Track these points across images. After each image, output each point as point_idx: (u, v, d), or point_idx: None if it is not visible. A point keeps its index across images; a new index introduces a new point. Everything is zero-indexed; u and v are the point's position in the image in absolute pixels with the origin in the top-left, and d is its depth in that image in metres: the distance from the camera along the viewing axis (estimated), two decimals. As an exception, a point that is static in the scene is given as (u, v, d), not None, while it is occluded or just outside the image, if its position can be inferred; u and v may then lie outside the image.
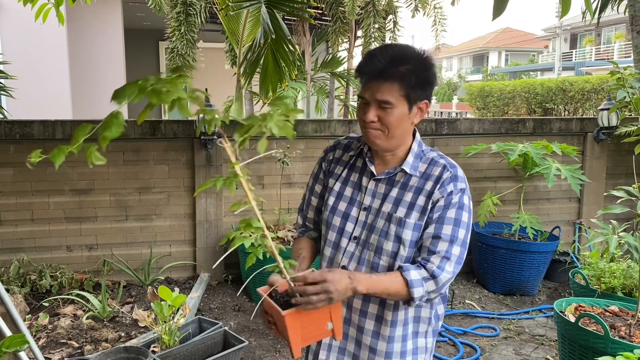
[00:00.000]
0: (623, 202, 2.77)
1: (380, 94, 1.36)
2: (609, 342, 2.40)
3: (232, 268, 4.36)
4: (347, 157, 1.58)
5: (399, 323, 1.46)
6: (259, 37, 4.21)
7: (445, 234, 1.38)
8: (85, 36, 7.49)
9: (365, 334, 1.48)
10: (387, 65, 1.35)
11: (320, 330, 1.31)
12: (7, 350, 1.29)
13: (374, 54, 1.40)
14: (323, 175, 1.62)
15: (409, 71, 1.36)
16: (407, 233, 1.41)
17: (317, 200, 1.63)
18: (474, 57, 45.31)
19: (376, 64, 1.36)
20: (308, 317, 1.26)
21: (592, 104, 15.24)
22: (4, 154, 3.90)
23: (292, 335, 1.24)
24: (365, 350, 1.49)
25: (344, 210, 1.51)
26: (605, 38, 30.30)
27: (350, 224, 1.50)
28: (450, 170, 1.43)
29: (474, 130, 4.63)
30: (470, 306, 4.01)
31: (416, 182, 1.45)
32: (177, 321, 2.91)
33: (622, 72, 2.91)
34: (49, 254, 4.04)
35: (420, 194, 1.43)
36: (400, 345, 1.47)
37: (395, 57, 1.36)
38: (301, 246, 1.62)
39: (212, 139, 4.05)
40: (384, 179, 1.48)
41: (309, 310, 1.25)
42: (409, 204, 1.43)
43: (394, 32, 7.78)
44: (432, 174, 1.44)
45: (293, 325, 1.24)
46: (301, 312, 1.24)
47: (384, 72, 1.35)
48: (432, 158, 1.47)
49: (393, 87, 1.35)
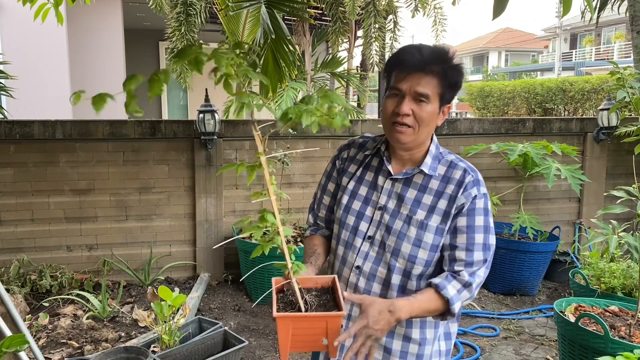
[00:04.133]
0: (623, 202, 2.77)
1: (421, 87, 1.35)
2: (609, 342, 2.40)
3: (232, 268, 4.36)
4: (362, 155, 1.56)
5: (414, 324, 1.45)
6: (259, 37, 4.21)
7: (478, 244, 1.37)
8: (85, 36, 7.48)
9: (394, 355, 1.45)
10: (430, 59, 1.35)
11: (314, 343, 1.25)
12: (7, 350, 1.29)
13: (413, 47, 1.38)
14: (337, 174, 1.60)
15: (448, 70, 1.36)
16: (428, 236, 1.39)
17: (329, 199, 1.61)
18: (474, 57, 45.29)
19: (418, 56, 1.35)
20: (301, 326, 1.22)
21: (592, 104, 15.24)
22: (4, 154, 3.90)
23: (281, 338, 1.20)
24: (380, 349, 1.45)
25: (358, 210, 1.49)
26: (605, 38, 30.30)
27: (365, 224, 1.47)
28: (472, 174, 1.41)
29: (474, 130, 4.63)
30: (470, 306, 4.01)
31: (436, 184, 1.42)
32: (177, 321, 2.91)
33: (622, 72, 2.91)
34: (49, 254, 4.04)
35: (441, 197, 1.41)
36: (417, 347, 1.46)
37: (437, 54, 1.36)
38: (315, 242, 1.60)
39: (212, 139, 4.05)
40: (401, 179, 1.46)
41: (303, 319, 1.21)
42: (429, 207, 1.41)
43: (394, 32, 7.78)
44: (453, 177, 1.42)
45: (283, 329, 1.20)
46: (294, 318, 1.20)
47: (427, 66, 1.34)
48: (451, 161, 1.45)
49: (432, 82, 1.35)
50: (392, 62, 1.42)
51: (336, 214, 1.56)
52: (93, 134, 4.00)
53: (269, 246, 1.18)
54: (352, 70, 8.17)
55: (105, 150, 4.06)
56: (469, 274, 1.35)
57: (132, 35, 9.06)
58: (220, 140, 4.19)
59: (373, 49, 7.00)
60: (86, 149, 4.02)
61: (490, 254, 1.40)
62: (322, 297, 1.32)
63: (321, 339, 1.23)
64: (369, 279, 1.45)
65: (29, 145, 3.93)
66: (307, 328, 1.22)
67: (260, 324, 3.64)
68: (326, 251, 1.61)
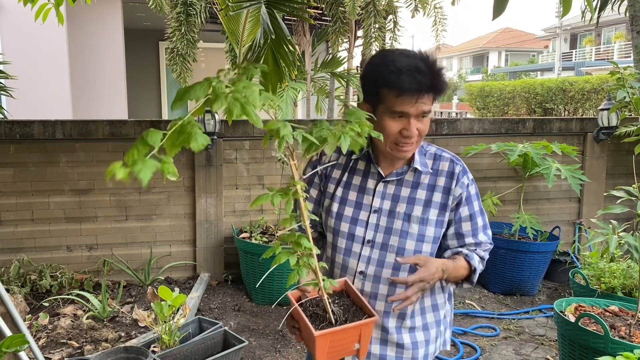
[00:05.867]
0: (623, 202, 2.77)
1: (425, 105, 1.37)
2: (609, 342, 2.40)
3: (232, 268, 4.36)
4: (344, 159, 1.55)
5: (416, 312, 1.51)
6: (259, 37, 4.21)
7: (481, 226, 1.51)
8: (85, 36, 7.48)
9: (391, 332, 1.48)
10: (433, 79, 1.35)
11: (347, 350, 1.29)
12: (7, 350, 1.29)
13: (409, 68, 1.33)
14: (319, 180, 1.59)
15: (440, 83, 1.38)
16: (430, 230, 1.45)
17: (312, 205, 1.60)
18: (474, 57, 45.30)
19: (420, 79, 1.33)
20: (338, 338, 1.24)
21: (592, 104, 15.25)
22: (4, 154, 3.90)
23: (319, 354, 1.22)
24: (392, 346, 1.49)
25: (351, 216, 1.49)
26: (605, 38, 30.30)
27: (361, 228, 1.48)
28: (459, 163, 1.49)
29: (474, 130, 4.63)
30: (470, 306, 4.01)
31: (427, 179, 1.46)
32: (177, 321, 2.91)
33: (622, 72, 2.91)
34: (49, 254, 4.04)
35: (434, 191, 1.46)
36: (423, 334, 1.51)
37: (432, 71, 1.36)
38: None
39: (212, 139, 4.05)
40: (393, 180, 1.47)
41: (340, 332, 1.24)
42: (424, 201, 1.45)
43: (394, 32, 7.77)
44: (442, 169, 1.47)
45: (322, 345, 1.21)
46: (333, 333, 1.22)
47: (431, 87, 1.35)
48: (435, 153, 1.51)
49: (431, 97, 1.38)
50: (384, 80, 1.35)
51: (327, 222, 1.55)
52: (93, 134, 4.00)
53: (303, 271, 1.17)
54: (352, 70, 8.16)
55: (105, 150, 4.06)
56: (483, 250, 1.50)
57: (132, 35, 9.05)
58: (220, 140, 4.19)
59: (373, 49, 6.99)
60: (86, 149, 4.02)
61: (489, 234, 1.55)
62: (341, 303, 1.34)
63: (353, 345, 1.28)
64: (374, 282, 1.46)
65: (29, 145, 3.93)
66: (342, 339, 1.26)
67: (260, 324, 3.64)
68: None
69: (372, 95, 1.41)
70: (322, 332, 1.21)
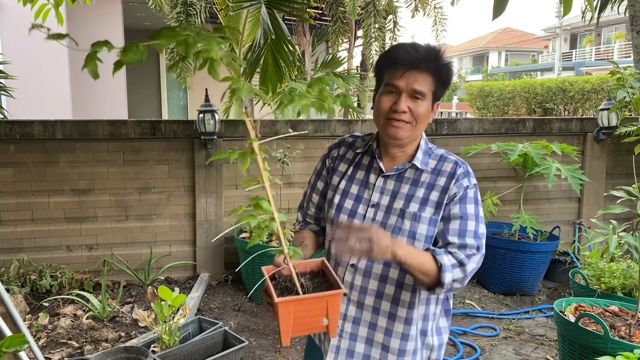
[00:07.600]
0: (623, 202, 2.77)
1: (417, 84, 1.37)
2: (609, 342, 2.40)
3: (232, 268, 4.36)
4: (352, 154, 1.58)
5: (412, 321, 1.45)
6: (259, 38, 4.21)
7: (470, 230, 1.40)
8: (85, 36, 7.48)
9: (378, 332, 1.46)
10: (424, 57, 1.37)
11: (314, 324, 1.25)
12: (7, 350, 1.29)
13: (407, 45, 1.42)
14: (326, 172, 1.61)
15: (441, 68, 1.39)
16: (422, 227, 1.41)
17: (318, 198, 1.63)
18: (474, 57, 45.30)
19: (413, 54, 1.37)
20: (302, 308, 1.21)
21: (592, 104, 15.24)
22: (4, 154, 3.90)
23: (282, 324, 1.19)
24: (377, 348, 1.47)
25: (350, 208, 1.50)
26: (605, 38, 30.30)
27: (358, 222, 1.48)
28: (463, 167, 1.45)
29: (474, 130, 4.63)
30: (470, 306, 4.01)
31: (427, 177, 1.45)
32: (177, 321, 2.91)
33: (622, 72, 2.91)
34: (49, 254, 4.05)
35: (433, 190, 1.44)
36: (414, 343, 1.46)
37: (430, 52, 1.39)
38: (303, 235, 1.61)
39: (212, 139, 4.05)
40: (392, 175, 1.48)
41: (304, 301, 1.21)
42: (421, 199, 1.43)
43: (394, 32, 7.78)
44: (444, 169, 1.45)
45: (285, 313, 1.19)
46: (296, 301, 1.20)
47: (423, 64, 1.37)
48: (441, 154, 1.49)
49: (428, 79, 1.38)
50: (385, 60, 1.44)
51: (328, 214, 1.56)
52: (93, 134, 4.00)
53: (264, 234, 1.16)
54: (352, 70, 8.17)
55: (105, 150, 4.06)
56: (465, 255, 1.36)
57: (132, 35, 9.05)
58: (220, 140, 4.19)
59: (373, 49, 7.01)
60: (86, 149, 4.02)
61: (482, 242, 1.41)
62: (314, 280, 1.33)
63: (321, 320, 1.23)
64: (365, 276, 1.46)
65: (29, 145, 3.93)
66: (308, 310, 1.22)
67: (260, 324, 3.64)
68: (314, 245, 1.62)
69: (378, 80, 1.47)
70: (284, 298, 1.18)
